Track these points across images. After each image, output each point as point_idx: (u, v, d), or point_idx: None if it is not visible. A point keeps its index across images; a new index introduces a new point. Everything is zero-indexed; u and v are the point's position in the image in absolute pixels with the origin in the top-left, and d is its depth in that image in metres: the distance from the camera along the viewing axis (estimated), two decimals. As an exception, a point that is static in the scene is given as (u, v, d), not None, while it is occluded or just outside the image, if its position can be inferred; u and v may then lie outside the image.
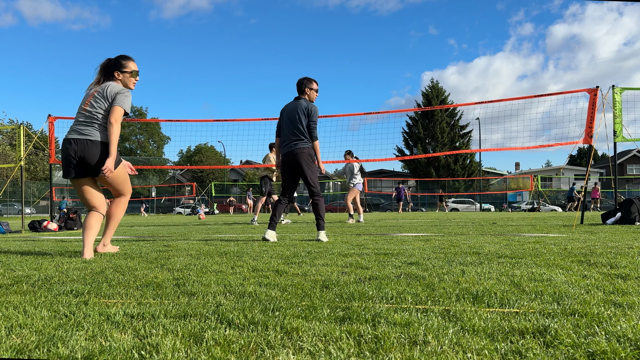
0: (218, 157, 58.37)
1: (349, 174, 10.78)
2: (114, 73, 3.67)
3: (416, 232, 6.17)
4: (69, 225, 8.71)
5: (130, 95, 3.61)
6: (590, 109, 7.89)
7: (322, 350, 1.22)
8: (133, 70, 3.72)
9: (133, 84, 3.75)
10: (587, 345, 1.22)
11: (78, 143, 3.46)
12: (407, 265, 2.75)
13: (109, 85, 3.57)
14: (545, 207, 34.78)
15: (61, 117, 9.41)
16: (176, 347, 1.25)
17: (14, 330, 1.44)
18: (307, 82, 5.06)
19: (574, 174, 46.51)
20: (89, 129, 3.49)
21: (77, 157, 3.47)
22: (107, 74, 3.69)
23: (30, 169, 36.95)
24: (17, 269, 2.81)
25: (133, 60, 3.75)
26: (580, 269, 2.54)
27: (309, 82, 5.07)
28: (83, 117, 3.54)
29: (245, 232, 6.76)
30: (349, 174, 10.77)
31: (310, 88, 5.06)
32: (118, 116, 3.49)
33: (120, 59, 3.70)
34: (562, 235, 5.11)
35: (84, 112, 3.54)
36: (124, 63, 3.70)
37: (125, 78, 3.70)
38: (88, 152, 3.46)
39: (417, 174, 43.60)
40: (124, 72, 3.69)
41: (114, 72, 3.67)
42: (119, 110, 3.49)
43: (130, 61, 3.73)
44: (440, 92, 46.72)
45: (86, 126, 3.50)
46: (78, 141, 3.46)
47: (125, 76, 3.70)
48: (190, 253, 3.64)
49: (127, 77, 3.71)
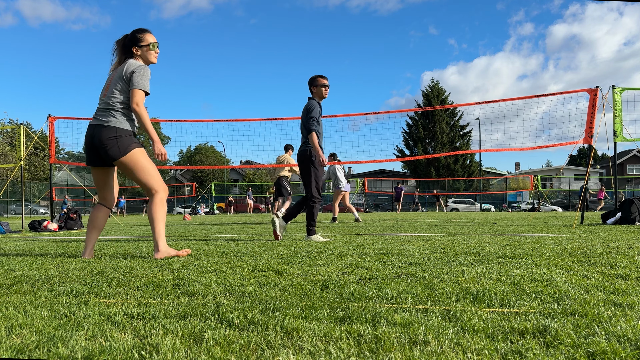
0: (218, 157, 58.36)
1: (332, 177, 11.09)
2: (132, 49, 3.49)
3: (416, 232, 6.17)
4: (69, 225, 8.71)
5: (147, 71, 3.41)
6: (590, 109, 7.88)
7: (322, 350, 1.22)
8: (151, 43, 3.50)
9: (154, 56, 3.53)
10: (587, 345, 1.22)
11: (93, 128, 3.37)
12: (407, 265, 2.75)
13: (126, 64, 3.40)
14: (545, 207, 34.78)
15: (61, 117, 9.41)
16: (176, 347, 1.25)
17: (14, 330, 1.44)
18: (312, 81, 5.04)
19: (574, 174, 46.53)
20: (105, 114, 3.38)
21: (91, 142, 3.39)
22: (126, 52, 3.51)
23: (30, 169, 36.96)
24: (17, 269, 2.81)
25: (150, 32, 3.53)
26: (580, 269, 2.54)
27: (314, 80, 5.04)
28: (101, 104, 3.43)
29: (245, 232, 6.76)
30: (332, 177, 11.08)
31: (315, 86, 5.02)
32: (139, 99, 3.32)
33: (136, 33, 3.50)
34: (562, 235, 5.11)
35: (103, 98, 3.44)
36: (140, 37, 3.49)
37: (144, 52, 3.49)
38: (98, 138, 3.35)
39: (417, 174, 43.61)
40: (141, 47, 3.48)
41: (131, 48, 3.49)
42: (138, 93, 3.32)
43: (146, 33, 3.51)
44: (440, 92, 46.74)
45: (103, 112, 3.39)
46: (94, 127, 3.37)
47: (144, 50, 3.49)
48: (190, 253, 3.64)
49: (146, 52, 3.49)
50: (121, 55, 3.52)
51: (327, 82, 5.02)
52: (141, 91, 3.34)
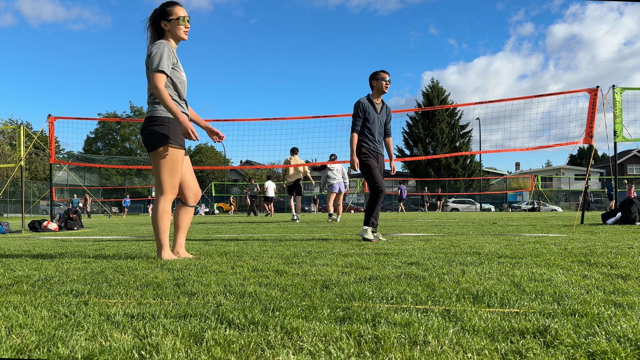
0: (218, 157, 58.36)
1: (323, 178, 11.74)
2: (160, 24, 3.28)
3: (416, 232, 6.17)
4: (69, 225, 8.71)
5: (162, 48, 3.17)
6: (591, 109, 7.88)
7: (322, 350, 1.22)
8: (180, 17, 3.25)
9: (184, 32, 3.30)
10: (587, 345, 1.22)
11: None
12: (407, 265, 2.75)
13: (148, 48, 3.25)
14: (546, 207, 34.76)
15: (61, 117, 9.41)
16: (176, 347, 1.25)
17: (14, 330, 1.44)
18: (373, 75, 5.02)
19: (574, 174, 46.54)
20: (149, 105, 3.30)
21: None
22: (157, 28, 3.31)
23: (30, 169, 36.97)
24: (17, 269, 2.81)
25: (180, 5, 3.30)
26: (580, 269, 2.54)
27: (372, 75, 5.02)
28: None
29: (246, 232, 6.77)
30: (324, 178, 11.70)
31: (375, 79, 4.99)
32: (156, 81, 3.12)
33: (164, 7, 3.28)
34: (562, 235, 5.11)
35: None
36: (169, 10, 3.26)
37: (173, 27, 3.27)
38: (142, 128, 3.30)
39: (417, 174, 43.62)
40: (171, 21, 3.26)
41: (160, 23, 3.28)
42: (155, 76, 3.13)
43: (176, 6, 3.28)
44: (440, 91, 46.75)
45: (148, 104, 3.32)
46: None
47: (173, 25, 3.26)
48: (190, 253, 3.64)
49: (175, 26, 3.26)
50: (153, 32, 3.32)
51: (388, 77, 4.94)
52: (158, 73, 3.13)
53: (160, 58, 3.14)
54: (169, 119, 3.22)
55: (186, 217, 3.47)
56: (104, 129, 59.33)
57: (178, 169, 3.27)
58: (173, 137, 3.21)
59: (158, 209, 3.27)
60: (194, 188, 3.50)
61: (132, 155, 58.08)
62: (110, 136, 59.99)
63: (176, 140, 3.23)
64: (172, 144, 3.21)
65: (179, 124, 3.17)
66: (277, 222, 11.12)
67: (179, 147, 3.25)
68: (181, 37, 3.31)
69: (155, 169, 3.24)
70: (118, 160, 44.03)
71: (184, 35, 3.31)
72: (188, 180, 3.47)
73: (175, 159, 3.24)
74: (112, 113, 56.92)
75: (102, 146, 60.10)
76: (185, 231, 3.47)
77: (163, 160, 3.21)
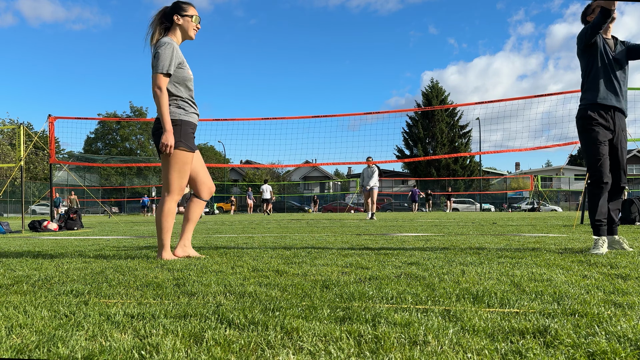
0: (218, 157, 58.36)
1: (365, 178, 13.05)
2: (173, 18, 3.29)
3: (416, 232, 6.17)
4: (69, 225, 8.71)
5: (167, 48, 3.16)
6: (591, 109, 7.86)
7: (322, 350, 1.22)
8: (194, 15, 3.31)
9: (193, 30, 3.34)
10: (587, 345, 1.22)
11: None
12: (407, 265, 2.75)
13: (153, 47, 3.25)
14: (546, 207, 34.77)
15: (61, 117, 9.41)
16: (176, 347, 1.25)
17: (14, 330, 1.44)
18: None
19: (574, 174, 46.50)
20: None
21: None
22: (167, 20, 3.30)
23: (30, 169, 36.96)
24: (17, 269, 2.81)
25: (193, 6, 3.35)
26: (580, 269, 2.54)
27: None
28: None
29: (246, 232, 6.77)
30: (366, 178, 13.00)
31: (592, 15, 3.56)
32: (157, 82, 3.13)
33: (179, 3, 3.31)
34: (562, 235, 5.11)
35: None
36: (184, 6, 3.30)
37: (186, 22, 3.29)
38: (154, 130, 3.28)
39: (417, 174, 43.61)
40: (184, 16, 3.29)
41: (173, 16, 3.29)
42: (156, 77, 3.14)
43: (190, 5, 3.33)
44: (440, 92, 46.74)
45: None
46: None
47: (186, 20, 3.29)
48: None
49: (188, 22, 3.30)
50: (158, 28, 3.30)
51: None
52: (161, 75, 3.14)
53: (165, 59, 3.15)
54: (181, 120, 3.23)
55: (197, 210, 3.49)
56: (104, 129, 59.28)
57: (187, 171, 3.28)
58: (184, 139, 3.23)
59: (164, 208, 3.27)
60: (207, 183, 3.53)
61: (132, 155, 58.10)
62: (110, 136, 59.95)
63: (187, 142, 3.24)
64: (183, 146, 3.22)
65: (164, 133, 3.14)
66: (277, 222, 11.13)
67: (189, 150, 3.26)
68: (189, 35, 3.34)
69: (165, 169, 3.24)
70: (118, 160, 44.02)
71: (193, 34, 3.34)
72: (202, 176, 3.49)
73: (185, 161, 3.25)
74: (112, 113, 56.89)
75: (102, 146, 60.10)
76: (194, 224, 3.48)
77: (173, 162, 3.21)
